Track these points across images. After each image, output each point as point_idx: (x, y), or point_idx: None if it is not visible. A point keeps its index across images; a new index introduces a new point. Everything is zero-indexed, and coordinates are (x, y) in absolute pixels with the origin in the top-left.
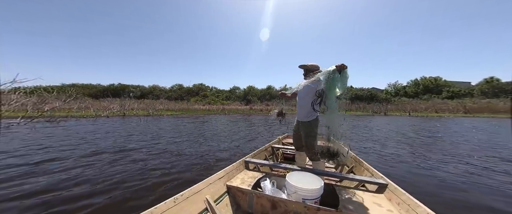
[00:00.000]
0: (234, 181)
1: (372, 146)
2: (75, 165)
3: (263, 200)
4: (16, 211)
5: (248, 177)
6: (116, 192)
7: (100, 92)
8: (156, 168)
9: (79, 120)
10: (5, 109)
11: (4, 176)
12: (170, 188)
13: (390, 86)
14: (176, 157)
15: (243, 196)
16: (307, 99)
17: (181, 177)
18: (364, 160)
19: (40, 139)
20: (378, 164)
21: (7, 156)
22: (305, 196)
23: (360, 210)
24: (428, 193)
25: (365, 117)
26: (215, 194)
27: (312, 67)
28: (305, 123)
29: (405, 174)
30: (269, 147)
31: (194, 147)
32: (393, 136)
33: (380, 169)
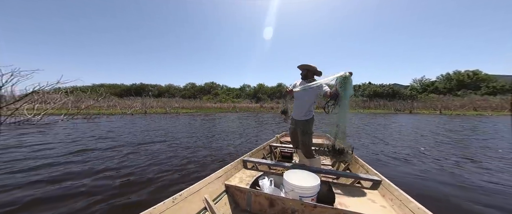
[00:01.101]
0: (232, 180)
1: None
2: (128, 151)
3: (261, 198)
4: (97, 178)
5: (247, 175)
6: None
7: (124, 91)
8: (188, 156)
9: (109, 117)
10: (50, 106)
11: (86, 158)
12: (194, 171)
13: (415, 82)
14: (198, 148)
15: (242, 194)
16: (306, 100)
17: (203, 161)
18: (359, 157)
19: (90, 131)
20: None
21: (81, 146)
22: (302, 193)
23: (355, 206)
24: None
25: (386, 115)
26: (214, 193)
27: (314, 70)
28: (303, 121)
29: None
30: (267, 146)
31: (209, 142)
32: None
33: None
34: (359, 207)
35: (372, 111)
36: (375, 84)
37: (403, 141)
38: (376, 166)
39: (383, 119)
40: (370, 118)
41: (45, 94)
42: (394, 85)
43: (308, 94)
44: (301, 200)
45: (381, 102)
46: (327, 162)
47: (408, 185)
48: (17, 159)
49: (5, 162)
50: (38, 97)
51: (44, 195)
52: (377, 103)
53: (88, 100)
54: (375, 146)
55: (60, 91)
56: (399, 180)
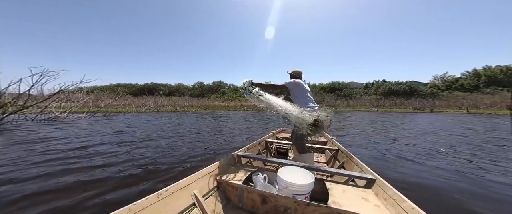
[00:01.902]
0: (225, 175)
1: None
2: (148, 144)
3: (254, 195)
4: (126, 165)
5: (240, 171)
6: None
7: (138, 90)
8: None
9: (125, 115)
10: (74, 105)
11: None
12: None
13: (436, 79)
14: (207, 142)
15: (234, 190)
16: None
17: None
18: (354, 155)
19: (116, 127)
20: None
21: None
22: (296, 191)
23: (348, 205)
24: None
25: (403, 114)
26: (204, 189)
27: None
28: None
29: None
30: (262, 141)
31: (218, 137)
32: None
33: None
34: (352, 206)
35: (386, 110)
36: (390, 81)
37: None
38: (394, 170)
39: (395, 118)
40: (384, 117)
41: (70, 93)
42: (412, 82)
43: (307, 91)
44: (294, 198)
45: (397, 100)
46: (322, 159)
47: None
48: (74, 148)
49: (66, 151)
50: (64, 96)
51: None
52: (392, 102)
53: (106, 99)
54: (388, 147)
55: (83, 90)
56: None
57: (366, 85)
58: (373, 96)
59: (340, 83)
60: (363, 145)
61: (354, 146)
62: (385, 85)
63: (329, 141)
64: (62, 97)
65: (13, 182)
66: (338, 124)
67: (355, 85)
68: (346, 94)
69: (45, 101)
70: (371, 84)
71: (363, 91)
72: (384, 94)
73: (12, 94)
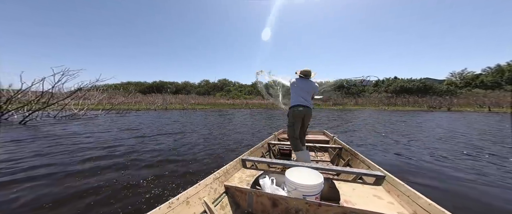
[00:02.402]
0: (232, 180)
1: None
2: (167, 139)
3: (263, 199)
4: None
5: (246, 175)
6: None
7: (147, 88)
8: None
9: (137, 112)
10: (90, 102)
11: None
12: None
13: (454, 75)
14: (216, 139)
15: (243, 195)
16: (310, 91)
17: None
18: (360, 152)
19: (133, 123)
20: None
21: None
22: (306, 192)
23: (361, 204)
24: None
25: (417, 113)
26: (213, 195)
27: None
28: (310, 109)
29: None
30: (265, 144)
31: (225, 134)
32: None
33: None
34: (365, 204)
35: (398, 108)
36: (402, 78)
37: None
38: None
39: (410, 117)
40: (397, 115)
41: (87, 91)
42: (426, 79)
43: (311, 88)
44: (305, 199)
45: (410, 98)
46: (325, 158)
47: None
48: (104, 140)
49: (101, 142)
50: (82, 94)
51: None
52: (405, 100)
53: (119, 97)
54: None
55: (98, 89)
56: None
57: (376, 82)
58: (383, 94)
59: (348, 80)
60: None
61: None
62: (397, 83)
63: (331, 140)
64: (80, 95)
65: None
66: (344, 125)
67: (364, 83)
68: (355, 92)
69: (65, 99)
70: (381, 82)
71: (372, 89)
72: (395, 92)
73: (36, 93)
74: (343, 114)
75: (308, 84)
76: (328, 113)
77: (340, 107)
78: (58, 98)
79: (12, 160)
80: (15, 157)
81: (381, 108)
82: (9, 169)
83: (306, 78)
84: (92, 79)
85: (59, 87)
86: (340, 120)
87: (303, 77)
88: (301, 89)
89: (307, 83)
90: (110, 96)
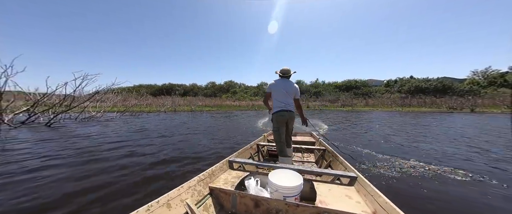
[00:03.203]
0: (217, 182)
1: None
2: (178, 138)
3: (246, 200)
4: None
5: (232, 177)
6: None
7: (156, 90)
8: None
9: (148, 114)
10: (106, 105)
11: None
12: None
13: (476, 74)
14: (221, 138)
15: (226, 196)
16: (291, 95)
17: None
18: (339, 154)
19: (152, 124)
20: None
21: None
22: (286, 193)
23: (334, 203)
24: None
25: (436, 115)
26: (197, 197)
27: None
28: (293, 113)
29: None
30: (254, 145)
31: (230, 134)
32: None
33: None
34: (337, 204)
35: (414, 110)
36: (418, 78)
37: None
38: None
39: (434, 119)
40: (415, 117)
41: (103, 94)
42: (444, 79)
43: (292, 90)
44: (284, 200)
45: (427, 99)
46: (311, 158)
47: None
48: (132, 139)
49: (131, 140)
50: (99, 97)
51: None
52: (421, 100)
53: (132, 99)
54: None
55: (114, 91)
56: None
57: (387, 82)
58: (396, 95)
59: (357, 81)
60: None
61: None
62: (411, 83)
63: (317, 141)
64: (97, 98)
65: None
66: (352, 128)
67: (374, 83)
68: (365, 92)
69: (86, 102)
70: (393, 82)
71: (384, 89)
72: (410, 92)
73: (60, 96)
74: (351, 115)
75: (289, 85)
76: (336, 114)
77: (349, 108)
78: (78, 101)
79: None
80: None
81: (395, 109)
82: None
83: (286, 78)
84: (108, 83)
85: (80, 91)
86: (350, 123)
87: (283, 76)
88: (282, 92)
89: (288, 83)
90: (124, 99)
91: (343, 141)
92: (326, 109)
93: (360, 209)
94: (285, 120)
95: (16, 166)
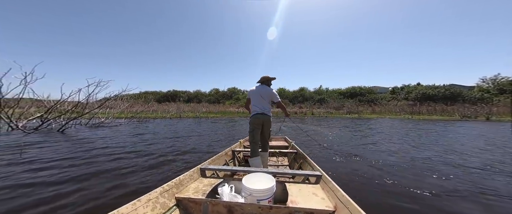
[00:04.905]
0: (185, 191)
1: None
2: (191, 140)
3: (219, 207)
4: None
5: (204, 185)
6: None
7: (161, 97)
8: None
9: (154, 120)
10: (116, 111)
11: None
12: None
13: (485, 81)
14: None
15: (197, 206)
16: (268, 100)
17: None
18: (308, 155)
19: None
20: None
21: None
22: (260, 196)
23: (303, 202)
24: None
25: (457, 123)
26: (159, 210)
27: (269, 78)
28: (269, 117)
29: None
30: (229, 151)
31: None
32: None
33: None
34: (306, 202)
35: (425, 117)
36: (425, 85)
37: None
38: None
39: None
40: (443, 126)
41: (113, 101)
42: (451, 86)
43: (269, 95)
44: (258, 203)
45: (436, 106)
46: (285, 162)
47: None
48: (145, 140)
49: (147, 139)
50: (109, 103)
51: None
52: (430, 108)
53: (139, 106)
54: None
55: (122, 98)
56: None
57: (393, 90)
58: (403, 102)
59: (361, 87)
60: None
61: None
62: (418, 90)
63: (289, 145)
64: (107, 104)
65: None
66: (363, 138)
67: (379, 90)
68: (370, 99)
69: (96, 108)
70: (399, 89)
71: (390, 96)
72: (417, 100)
73: (72, 103)
74: (362, 123)
75: (264, 90)
76: (344, 121)
77: (355, 115)
78: (89, 107)
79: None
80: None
81: (404, 117)
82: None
83: (265, 84)
84: (118, 90)
85: (92, 97)
86: (361, 134)
87: (262, 83)
88: (258, 97)
89: (264, 89)
90: (130, 105)
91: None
92: (331, 116)
93: (324, 205)
94: (261, 122)
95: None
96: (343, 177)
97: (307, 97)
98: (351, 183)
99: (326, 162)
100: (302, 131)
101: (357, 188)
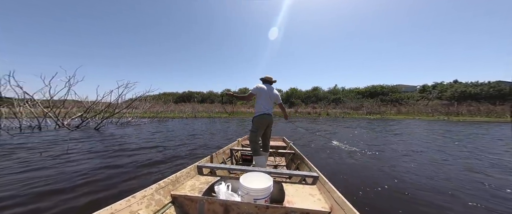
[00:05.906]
0: (181, 189)
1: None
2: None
3: (215, 206)
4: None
5: (200, 183)
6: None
7: (177, 98)
8: None
9: (173, 120)
10: (139, 111)
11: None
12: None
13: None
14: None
15: (193, 204)
16: (273, 100)
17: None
18: (305, 156)
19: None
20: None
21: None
22: (256, 196)
23: (300, 203)
24: None
25: (498, 125)
26: (154, 207)
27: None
28: (272, 117)
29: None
30: (227, 150)
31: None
32: None
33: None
34: (303, 203)
35: (466, 119)
36: (464, 82)
37: None
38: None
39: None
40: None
41: (139, 101)
42: (498, 83)
43: (275, 96)
44: (255, 203)
45: (480, 106)
46: (282, 162)
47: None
48: (176, 135)
49: (174, 135)
50: (134, 104)
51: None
52: (473, 108)
53: (158, 106)
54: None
55: (145, 99)
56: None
57: (423, 88)
58: (435, 102)
59: (383, 86)
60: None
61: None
62: (455, 88)
63: (288, 145)
64: (133, 105)
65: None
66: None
67: (404, 89)
68: (394, 99)
69: (125, 108)
70: (430, 87)
71: (419, 95)
72: (455, 99)
73: (105, 103)
74: (386, 125)
75: (272, 91)
76: (364, 123)
77: (377, 116)
78: (119, 108)
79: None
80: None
81: (437, 118)
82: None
83: (270, 84)
84: (143, 91)
85: (121, 98)
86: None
87: (267, 83)
88: (267, 97)
89: (272, 90)
90: (151, 105)
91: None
92: (349, 117)
93: (320, 206)
94: (267, 123)
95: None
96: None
97: (320, 97)
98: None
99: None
100: (303, 131)
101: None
